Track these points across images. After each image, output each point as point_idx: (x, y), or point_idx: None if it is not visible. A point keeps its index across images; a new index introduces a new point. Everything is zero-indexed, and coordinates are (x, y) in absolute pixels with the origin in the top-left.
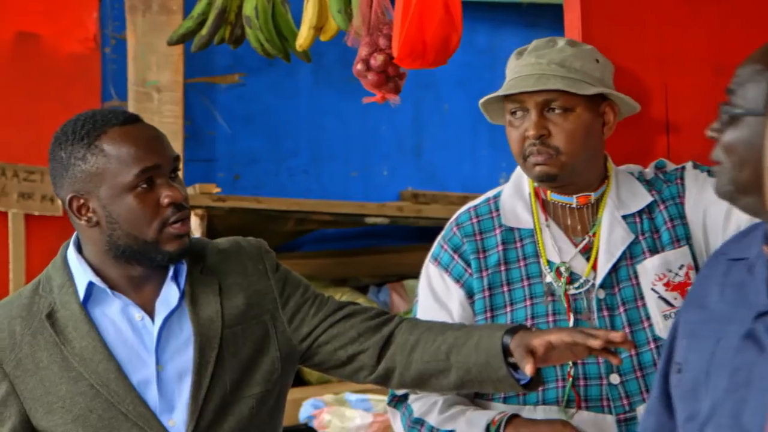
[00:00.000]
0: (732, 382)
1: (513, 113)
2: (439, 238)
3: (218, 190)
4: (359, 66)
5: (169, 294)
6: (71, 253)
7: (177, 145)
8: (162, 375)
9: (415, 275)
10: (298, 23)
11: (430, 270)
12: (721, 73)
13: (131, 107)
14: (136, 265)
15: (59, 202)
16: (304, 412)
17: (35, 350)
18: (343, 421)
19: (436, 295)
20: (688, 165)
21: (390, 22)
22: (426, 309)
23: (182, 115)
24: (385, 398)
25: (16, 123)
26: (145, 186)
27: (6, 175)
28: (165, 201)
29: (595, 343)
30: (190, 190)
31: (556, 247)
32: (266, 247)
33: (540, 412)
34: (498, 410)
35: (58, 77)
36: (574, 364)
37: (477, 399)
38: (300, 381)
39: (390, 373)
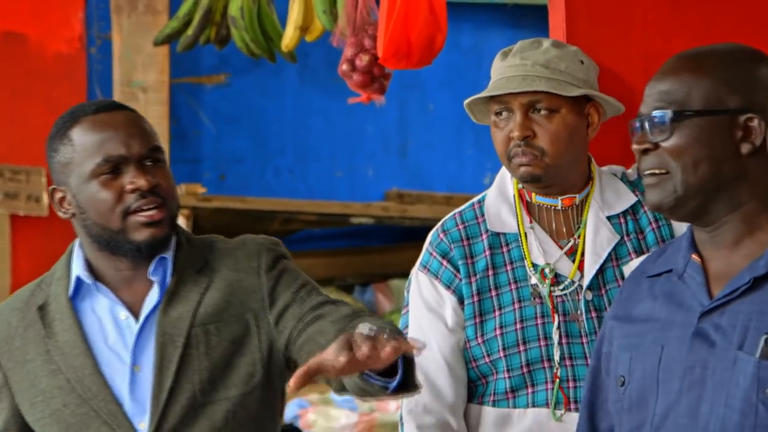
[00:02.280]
0: (686, 381)
1: (498, 114)
2: (426, 245)
3: (204, 190)
4: (345, 66)
5: (153, 293)
6: (76, 246)
7: (163, 145)
8: (137, 376)
9: (401, 275)
10: (283, 24)
11: (420, 278)
12: None
13: None
14: (121, 257)
15: (45, 201)
16: (290, 412)
17: (25, 342)
18: (329, 421)
19: (429, 304)
20: None
21: (375, 22)
22: (418, 319)
23: (168, 116)
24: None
25: (1, 123)
26: (110, 174)
27: None
28: (129, 188)
29: (338, 364)
30: None
31: (541, 250)
32: (270, 245)
33: (530, 415)
34: (487, 414)
35: (43, 77)
36: (561, 366)
37: (469, 403)
38: None
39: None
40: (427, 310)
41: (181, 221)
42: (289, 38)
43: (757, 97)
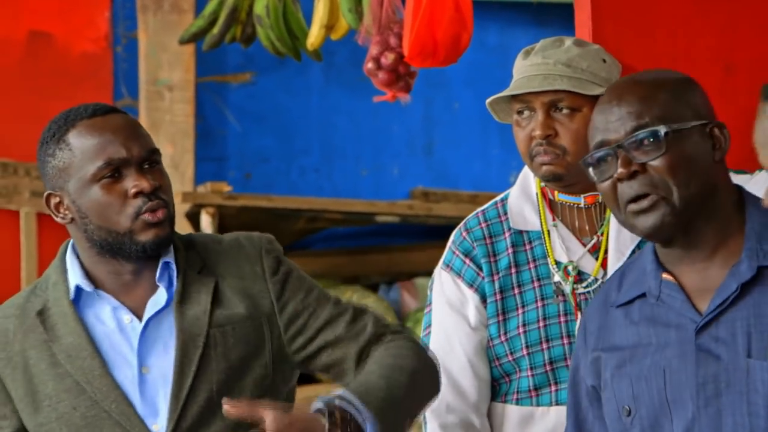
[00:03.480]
0: (701, 399)
1: (520, 113)
2: (449, 244)
3: (229, 188)
4: (370, 65)
5: (159, 295)
6: (69, 251)
7: (188, 144)
8: (146, 377)
9: (426, 273)
10: (309, 22)
11: (442, 277)
12: (731, 73)
13: (143, 106)
14: (123, 262)
15: None
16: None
17: (26, 348)
18: None
19: (452, 303)
20: None
21: (401, 20)
22: (441, 318)
23: (194, 114)
24: None
25: (28, 122)
26: (111, 177)
27: (18, 174)
28: (132, 191)
29: None
30: (201, 189)
31: (564, 247)
32: (268, 246)
33: (553, 413)
34: (510, 412)
35: (69, 76)
36: None
37: (492, 401)
38: (310, 378)
39: None
40: (450, 309)
41: (206, 220)
42: (314, 37)
43: (707, 110)
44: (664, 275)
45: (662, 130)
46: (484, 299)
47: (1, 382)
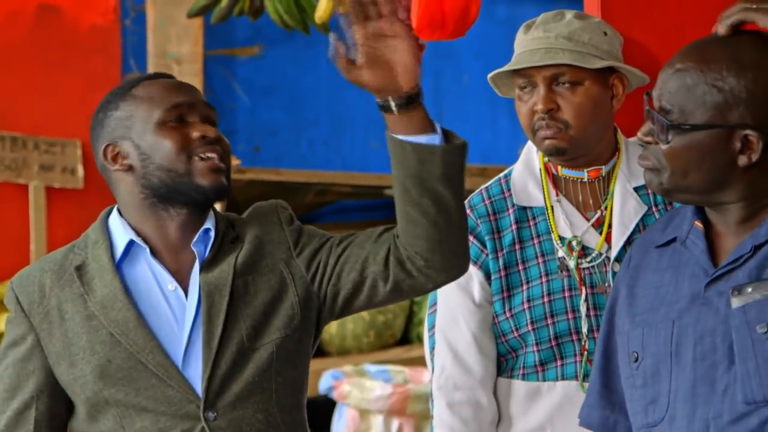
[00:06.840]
0: (698, 352)
1: (522, 88)
2: None
3: (238, 161)
4: None
5: (197, 266)
6: (114, 215)
7: None
8: (189, 348)
9: None
10: None
11: None
12: None
13: None
14: (174, 212)
15: (80, 173)
16: (324, 383)
17: (62, 302)
18: (363, 392)
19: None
20: None
21: None
22: (446, 295)
23: (202, 87)
24: (405, 369)
25: (37, 95)
26: (176, 122)
27: (27, 148)
28: (195, 135)
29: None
30: None
31: (567, 222)
32: (283, 204)
33: (559, 388)
34: (516, 388)
35: (78, 49)
36: (589, 338)
37: (499, 377)
38: (320, 352)
39: (400, 265)
40: (455, 286)
41: None
42: (322, 10)
43: (761, 110)
44: (696, 223)
45: (666, 123)
46: (488, 276)
47: (36, 336)
